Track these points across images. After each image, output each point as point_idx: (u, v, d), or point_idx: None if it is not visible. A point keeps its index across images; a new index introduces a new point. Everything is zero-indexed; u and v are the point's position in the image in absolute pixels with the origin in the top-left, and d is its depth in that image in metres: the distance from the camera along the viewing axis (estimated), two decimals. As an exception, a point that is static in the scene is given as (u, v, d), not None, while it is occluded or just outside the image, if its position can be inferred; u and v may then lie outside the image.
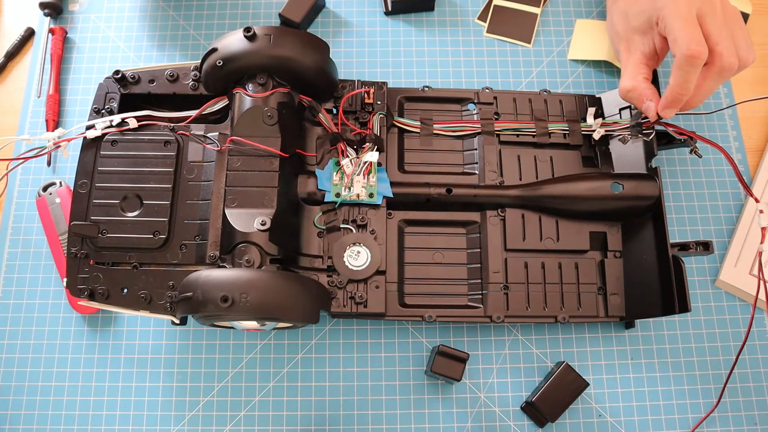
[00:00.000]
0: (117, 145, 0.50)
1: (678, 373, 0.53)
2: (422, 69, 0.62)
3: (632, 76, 0.51)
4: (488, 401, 0.52)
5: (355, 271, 0.49)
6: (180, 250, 0.48)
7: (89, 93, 0.60)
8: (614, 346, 0.54)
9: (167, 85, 0.53)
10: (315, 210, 0.51)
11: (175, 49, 0.63)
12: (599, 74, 0.62)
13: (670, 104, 0.48)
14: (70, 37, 0.63)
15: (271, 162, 0.48)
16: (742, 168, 0.59)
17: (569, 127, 0.55)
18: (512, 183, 0.53)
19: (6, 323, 0.54)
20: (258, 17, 0.64)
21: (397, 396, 0.52)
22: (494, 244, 0.52)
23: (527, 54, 0.63)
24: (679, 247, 0.49)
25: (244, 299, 0.41)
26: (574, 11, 0.65)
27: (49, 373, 0.53)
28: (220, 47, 0.49)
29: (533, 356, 0.54)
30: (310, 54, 0.50)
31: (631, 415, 0.52)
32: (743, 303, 0.55)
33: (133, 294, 0.47)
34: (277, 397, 0.52)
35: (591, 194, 0.52)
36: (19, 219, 0.57)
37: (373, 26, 0.64)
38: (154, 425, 0.51)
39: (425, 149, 0.55)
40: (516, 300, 0.51)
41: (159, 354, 0.53)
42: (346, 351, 0.53)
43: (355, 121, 0.53)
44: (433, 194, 0.52)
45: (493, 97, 0.56)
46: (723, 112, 0.61)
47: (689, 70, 0.46)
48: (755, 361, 0.54)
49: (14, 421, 0.51)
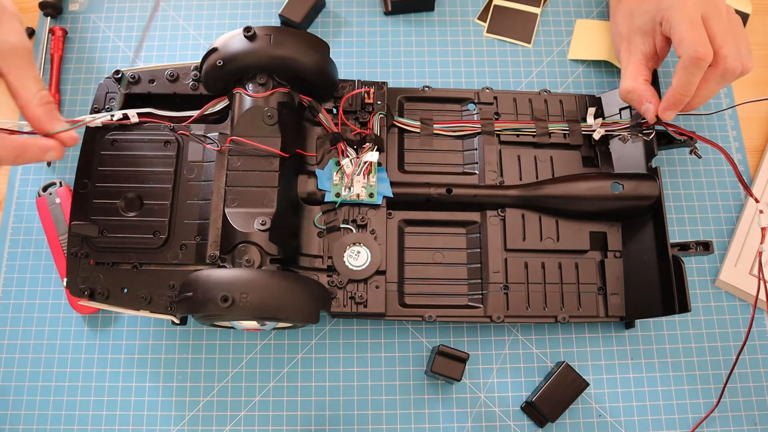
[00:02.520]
0: (117, 145, 0.50)
1: (678, 373, 0.53)
2: (422, 69, 0.62)
3: (633, 77, 0.51)
4: (488, 401, 0.52)
5: (355, 271, 0.49)
6: (180, 250, 0.48)
7: (89, 93, 0.60)
8: (614, 346, 0.54)
9: (167, 85, 0.53)
10: (315, 210, 0.51)
11: (175, 49, 0.63)
12: (599, 74, 0.62)
13: (671, 106, 0.48)
14: (70, 37, 0.63)
15: (271, 162, 0.48)
16: (742, 168, 0.59)
17: (569, 127, 0.55)
18: (512, 183, 0.53)
19: (6, 323, 0.54)
20: (258, 17, 0.64)
21: (397, 396, 0.52)
22: (494, 244, 0.52)
23: (527, 54, 0.63)
24: (679, 247, 0.49)
25: (244, 299, 0.41)
26: (574, 11, 0.65)
27: (49, 373, 0.53)
28: (220, 47, 0.50)
29: (533, 356, 0.54)
30: (310, 54, 0.50)
31: (631, 415, 0.52)
32: (743, 303, 0.55)
33: (133, 294, 0.47)
34: (277, 397, 0.52)
35: (591, 194, 0.52)
36: (19, 219, 0.57)
37: (373, 26, 0.64)
38: (154, 425, 0.51)
39: (425, 149, 0.55)
40: (516, 300, 0.51)
41: (159, 354, 0.53)
42: (346, 351, 0.53)
43: (355, 121, 0.53)
44: (433, 194, 0.52)
45: (493, 97, 0.56)
46: (723, 112, 0.61)
47: (694, 71, 0.46)
48: (755, 361, 0.54)
49: (14, 421, 0.51)
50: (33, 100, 0.41)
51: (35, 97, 0.41)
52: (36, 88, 0.41)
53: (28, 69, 0.41)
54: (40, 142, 0.41)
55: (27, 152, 0.40)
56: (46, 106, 0.41)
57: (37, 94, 0.41)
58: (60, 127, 0.42)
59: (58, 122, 0.42)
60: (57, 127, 0.42)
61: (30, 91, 0.41)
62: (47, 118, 0.41)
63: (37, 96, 0.41)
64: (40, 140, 0.41)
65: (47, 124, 0.41)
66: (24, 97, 0.41)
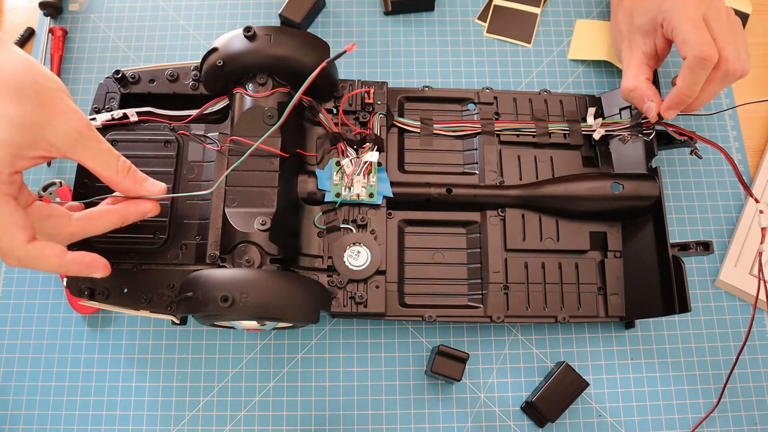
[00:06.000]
0: (117, 145, 0.50)
1: (678, 373, 0.53)
2: (422, 69, 0.62)
3: (634, 75, 0.51)
4: (488, 401, 0.52)
5: (355, 271, 0.49)
6: (180, 250, 0.48)
7: (89, 93, 0.60)
8: (614, 346, 0.54)
9: (167, 84, 0.53)
10: (315, 210, 0.51)
11: (175, 49, 0.63)
12: (599, 74, 0.62)
13: (674, 105, 0.48)
14: (70, 37, 0.63)
15: (271, 162, 0.48)
16: (742, 168, 0.59)
17: (569, 127, 0.55)
18: (512, 183, 0.53)
19: (6, 323, 0.54)
20: (258, 17, 0.64)
21: (397, 396, 0.52)
22: (494, 244, 0.52)
23: (527, 54, 0.63)
24: (679, 247, 0.49)
25: (244, 299, 0.41)
26: (574, 11, 0.65)
27: (49, 373, 0.53)
28: (220, 47, 0.50)
29: (533, 356, 0.54)
30: (310, 54, 0.50)
31: (631, 415, 0.52)
32: (743, 303, 0.55)
33: (133, 294, 0.47)
34: (277, 397, 0.52)
35: (591, 194, 0.52)
36: (19, 219, 0.57)
37: (373, 26, 0.64)
38: (154, 425, 0.51)
39: (425, 149, 0.55)
40: (516, 300, 0.51)
41: (159, 354, 0.53)
42: (346, 351, 0.53)
43: (356, 121, 0.53)
44: (433, 194, 0.52)
45: (493, 97, 0.56)
46: (723, 113, 0.61)
47: (699, 72, 0.46)
48: (755, 361, 0.54)
49: (14, 421, 0.51)
50: (118, 175, 0.41)
51: (119, 171, 0.41)
52: (114, 161, 0.40)
53: (99, 146, 0.40)
54: (141, 207, 0.42)
55: (128, 219, 0.42)
56: (130, 174, 0.41)
57: (118, 167, 0.40)
58: (149, 187, 0.42)
59: (146, 183, 0.42)
60: (146, 189, 0.42)
61: (111, 166, 0.40)
62: (136, 186, 0.42)
63: (119, 168, 0.41)
64: (139, 205, 0.42)
65: (138, 190, 0.42)
66: (108, 176, 0.40)
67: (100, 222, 0.41)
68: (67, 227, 0.40)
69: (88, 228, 0.40)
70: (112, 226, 0.41)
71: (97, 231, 0.41)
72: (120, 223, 0.41)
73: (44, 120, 0.37)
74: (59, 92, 0.39)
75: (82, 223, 0.40)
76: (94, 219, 0.41)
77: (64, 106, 0.38)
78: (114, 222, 0.41)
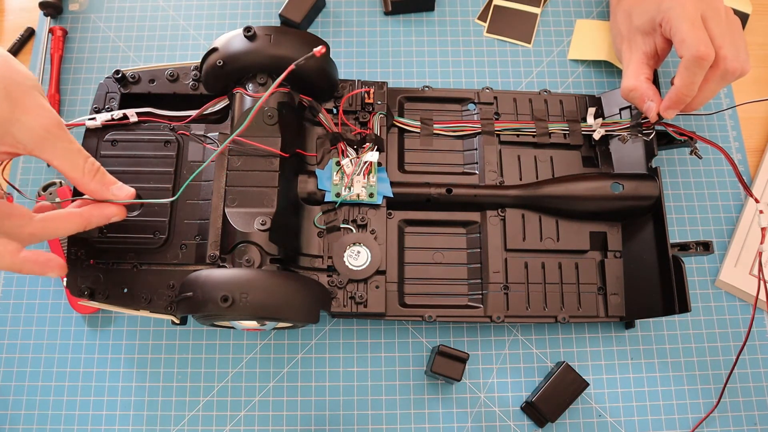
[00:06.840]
0: (117, 145, 0.50)
1: (678, 373, 0.53)
2: (422, 69, 0.62)
3: (634, 75, 0.51)
4: (488, 401, 0.52)
5: (355, 271, 0.49)
6: (180, 250, 0.48)
7: (89, 93, 0.60)
8: (614, 346, 0.54)
9: (167, 84, 0.53)
10: (315, 210, 0.51)
11: (175, 49, 0.63)
12: (599, 74, 0.62)
13: (673, 105, 0.48)
14: (70, 37, 0.63)
15: (271, 162, 0.48)
16: (742, 168, 0.59)
17: (569, 127, 0.55)
18: (512, 183, 0.53)
19: (6, 323, 0.54)
20: (258, 17, 0.64)
21: (397, 396, 0.52)
22: (494, 244, 0.52)
23: (527, 54, 0.63)
24: (679, 247, 0.49)
25: (244, 299, 0.41)
26: (574, 11, 0.65)
27: (49, 373, 0.53)
28: (220, 47, 0.50)
29: (533, 356, 0.54)
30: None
31: (631, 415, 0.52)
32: (743, 303, 0.55)
33: (133, 294, 0.47)
34: (277, 397, 0.52)
35: (591, 194, 0.52)
36: (19, 219, 0.57)
37: (373, 26, 0.64)
38: (154, 425, 0.51)
39: (425, 149, 0.55)
40: (516, 300, 0.51)
41: (159, 354, 0.53)
42: (346, 351, 0.53)
43: (356, 121, 0.53)
44: (433, 194, 0.52)
45: (493, 97, 0.56)
46: (723, 113, 0.61)
47: (696, 71, 0.46)
48: (755, 361, 0.54)
49: (14, 421, 0.51)
50: (84, 177, 0.40)
51: (85, 173, 0.40)
52: (82, 161, 0.40)
53: (67, 146, 0.39)
54: (106, 211, 0.42)
55: (91, 223, 0.41)
56: (97, 176, 0.41)
57: (84, 168, 0.40)
58: (116, 191, 0.42)
59: (113, 187, 0.42)
60: (113, 193, 0.42)
61: (77, 166, 0.40)
62: (102, 189, 0.41)
63: (86, 170, 0.40)
64: (103, 209, 0.42)
65: (104, 194, 0.42)
66: (74, 176, 0.40)
67: (60, 224, 0.40)
68: (27, 227, 0.39)
69: (49, 229, 0.40)
70: (74, 228, 0.41)
71: (58, 233, 0.40)
72: (83, 226, 0.41)
73: (13, 115, 0.37)
74: (32, 89, 0.38)
75: (43, 224, 0.40)
76: (56, 221, 0.40)
77: (35, 103, 0.38)
78: (76, 225, 0.41)
